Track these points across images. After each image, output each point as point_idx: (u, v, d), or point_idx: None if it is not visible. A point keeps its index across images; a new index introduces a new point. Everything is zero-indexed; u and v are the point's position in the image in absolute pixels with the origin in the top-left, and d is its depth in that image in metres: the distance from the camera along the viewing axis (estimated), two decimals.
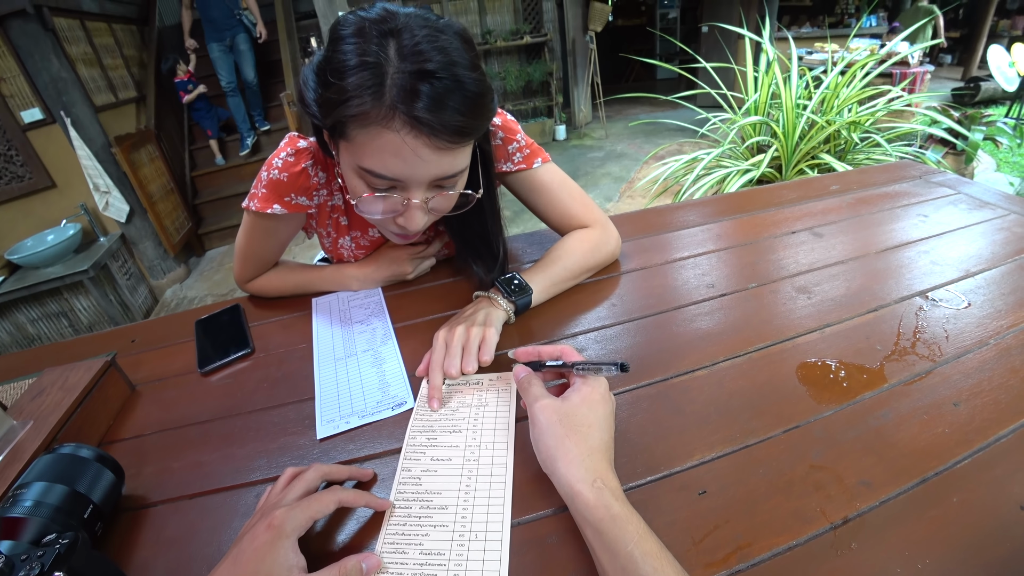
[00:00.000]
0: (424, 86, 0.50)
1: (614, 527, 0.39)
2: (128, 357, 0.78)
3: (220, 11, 4.03)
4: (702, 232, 0.94)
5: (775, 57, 2.31)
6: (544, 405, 0.48)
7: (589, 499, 0.41)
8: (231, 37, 4.13)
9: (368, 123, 0.52)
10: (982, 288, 0.71)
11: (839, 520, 0.43)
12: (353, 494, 0.46)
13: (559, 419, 0.46)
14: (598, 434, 0.46)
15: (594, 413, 0.47)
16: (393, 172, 0.56)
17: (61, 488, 0.47)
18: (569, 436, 0.45)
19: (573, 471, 0.43)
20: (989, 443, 0.49)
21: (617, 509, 0.40)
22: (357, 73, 0.51)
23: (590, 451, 0.44)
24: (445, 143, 0.54)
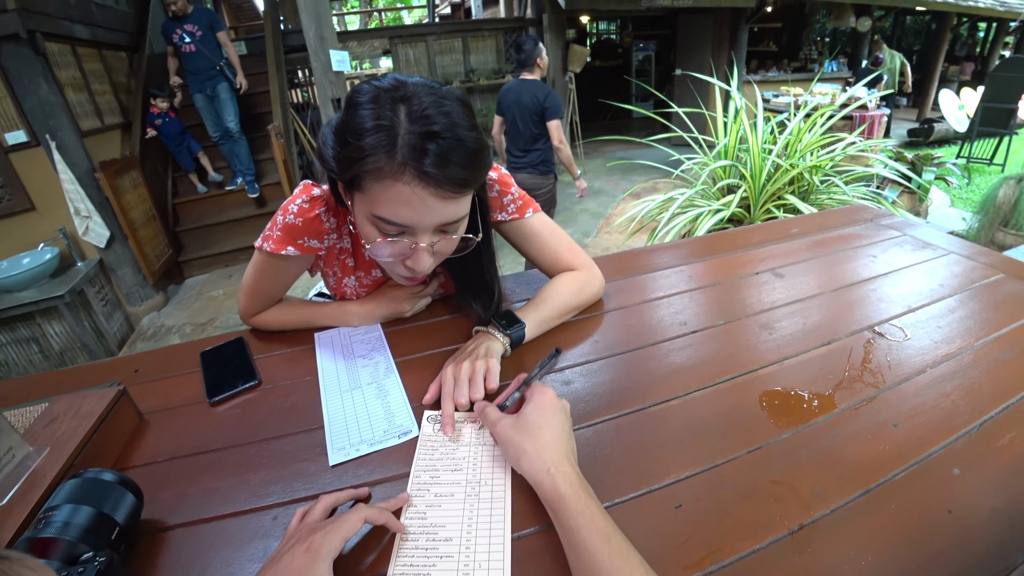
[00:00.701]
0: (431, 145, 0.58)
1: (562, 505, 0.48)
2: (133, 386, 0.80)
3: (201, 62, 4.16)
4: (675, 273, 1.03)
5: (743, 104, 2.48)
6: (502, 423, 0.58)
7: (544, 484, 0.50)
8: (212, 87, 4.25)
9: (382, 177, 0.60)
10: (921, 322, 0.81)
11: (796, 527, 0.50)
12: (376, 511, 0.50)
13: (515, 428, 0.56)
14: (549, 431, 0.55)
15: (543, 416, 0.56)
16: (404, 219, 0.63)
17: (88, 510, 0.49)
18: (524, 439, 0.54)
19: (533, 465, 0.52)
20: (923, 458, 0.57)
21: (564, 490, 0.49)
22: (373, 135, 0.59)
23: (543, 446, 0.53)
24: (449, 193, 0.61)
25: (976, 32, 11.17)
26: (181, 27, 4.05)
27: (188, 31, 4.06)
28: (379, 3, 13.36)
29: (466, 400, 0.67)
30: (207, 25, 4.13)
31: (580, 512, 0.47)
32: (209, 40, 4.15)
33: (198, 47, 4.10)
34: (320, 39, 3.27)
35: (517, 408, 0.61)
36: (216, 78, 4.23)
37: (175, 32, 4.07)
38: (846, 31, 8.60)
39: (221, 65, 4.20)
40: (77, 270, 3.42)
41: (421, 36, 6.05)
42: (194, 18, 4.09)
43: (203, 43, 4.12)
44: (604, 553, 0.44)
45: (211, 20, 4.17)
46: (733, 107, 2.51)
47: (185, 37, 4.08)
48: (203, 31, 4.10)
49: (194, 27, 4.07)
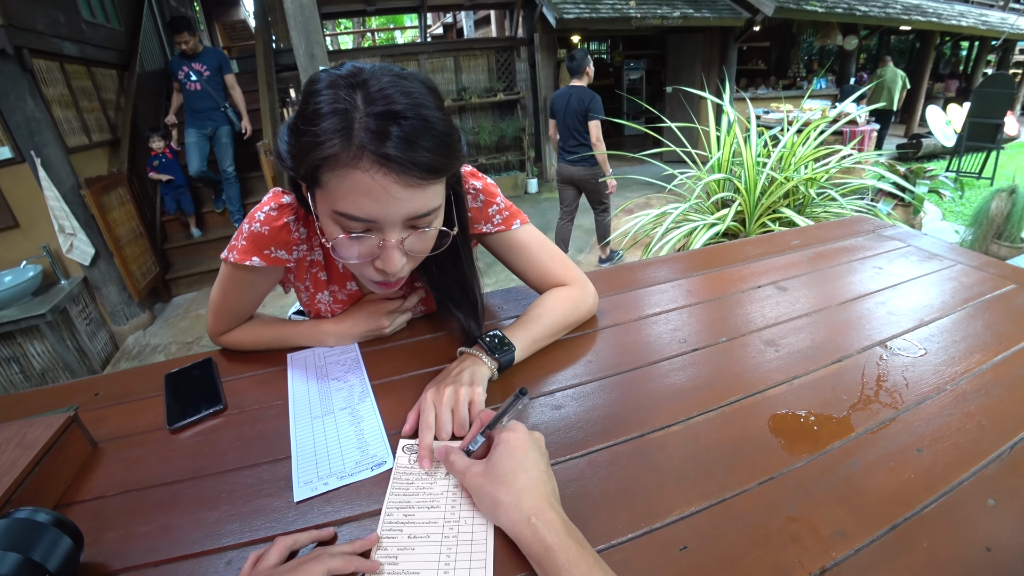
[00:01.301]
0: (392, 126, 0.53)
1: (548, 557, 0.42)
2: (91, 411, 0.75)
3: (205, 102, 4.11)
4: (673, 288, 0.98)
5: (735, 118, 2.47)
6: (471, 472, 0.52)
7: (526, 536, 0.45)
8: (213, 128, 4.20)
9: (338, 166, 0.54)
10: (936, 336, 0.76)
11: (817, 571, 0.44)
12: (342, 561, 0.44)
13: (485, 478, 0.50)
14: (524, 476, 0.49)
15: (515, 458, 0.50)
16: (366, 212, 0.57)
17: (15, 557, 0.44)
18: (498, 489, 0.48)
19: (511, 516, 0.46)
20: (952, 487, 0.51)
21: (550, 540, 0.43)
22: (327, 119, 0.53)
23: (518, 493, 0.47)
24: (415, 180, 0.55)
25: (959, 51, 11.44)
26: (189, 65, 4.01)
27: (196, 69, 4.01)
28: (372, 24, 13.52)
29: (448, 434, 0.61)
30: (216, 66, 4.08)
31: (573, 563, 0.41)
32: (216, 82, 4.10)
33: (204, 86, 4.04)
34: (310, 56, 3.26)
35: (485, 452, 0.55)
36: (218, 120, 4.19)
37: (182, 69, 4.02)
38: (833, 50, 8.76)
39: (225, 107, 4.15)
40: (60, 288, 3.34)
41: (413, 55, 6.08)
42: (204, 57, 4.05)
43: (209, 83, 4.06)
44: None
45: (221, 61, 4.12)
46: (726, 120, 2.49)
47: (192, 75, 4.03)
48: (211, 71, 4.06)
49: (202, 66, 4.02)
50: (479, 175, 0.80)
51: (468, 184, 0.78)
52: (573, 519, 0.50)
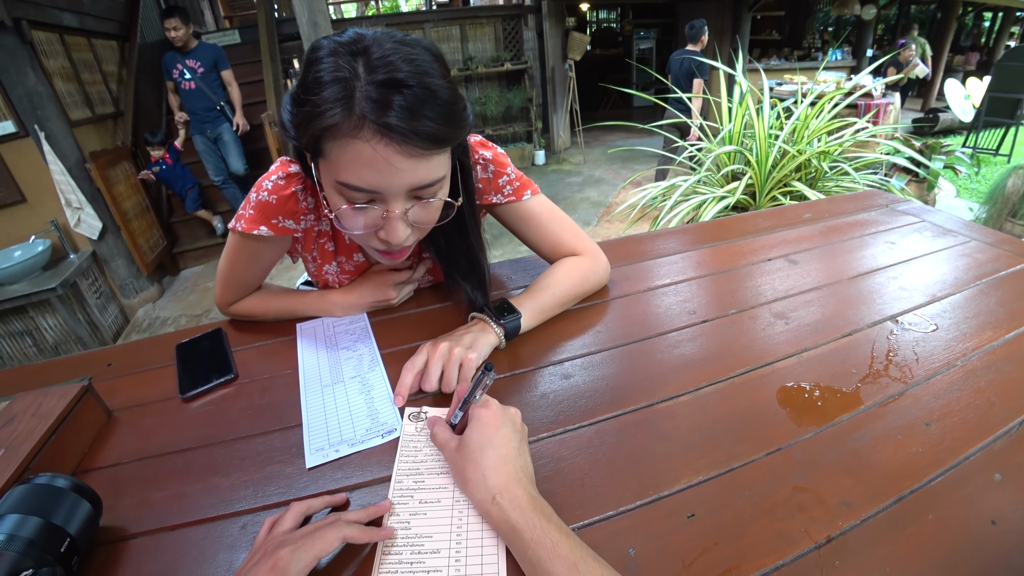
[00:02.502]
0: (394, 95, 0.52)
1: (513, 536, 0.43)
2: (104, 382, 0.76)
3: (201, 102, 3.88)
4: (683, 260, 0.97)
5: (748, 88, 2.41)
6: (448, 448, 0.52)
7: (493, 517, 0.45)
8: (213, 129, 3.97)
9: (339, 135, 0.53)
10: (948, 312, 0.75)
11: (823, 539, 0.45)
12: (357, 530, 0.45)
13: (457, 454, 0.50)
14: (492, 452, 0.48)
15: (484, 435, 0.50)
16: (368, 183, 0.56)
17: (36, 520, 0.45)
18: (467, 465, 0.48)
19: (478, 495, 0.47)
20: (959, 461, 0.51)
21: (514, 519, 0.43)
22: (329, 88, 0.52)
23: (484, 471, 0.47)
24: (417, 150, 0.54)
25: (982, 21, 11.03)
26: (183, 61, 3.74)
27: (190, 67, 3.76)
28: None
29: (433, 387, 0.63)
30: (211, 62, 3.83)
31: (537, 542, 0.41)
32: (211, 78, 3.86)
33: (198, 84, 3.80)
34: (313, 25, 3.19)
35: (464, 427, 0.55)
36: (217, 120, 3.95)
37: (175, 67, 3.77)
38: (850, 20, 8.48)
39: (222, 105, 3.91)
40: (70, 262, 3.36)
41: (418, 23, 5.94)
42: (197, 53, 3.79)
43: (204, 80, 3.82)
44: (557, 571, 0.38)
45: (216, 57, 3.86)
46: (738, 92, 2.43)
47: (186, 73, 3.77)
48: (205, 68, 3.80)
49: (196, 63, 3.77)
50: (489, 145, 0.79)
51: (477, 154, 0.77)
52: (581, 487, 0.51)
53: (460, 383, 0.63)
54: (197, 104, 3.87)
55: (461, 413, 0.55)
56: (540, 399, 0.64)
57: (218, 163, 4.08)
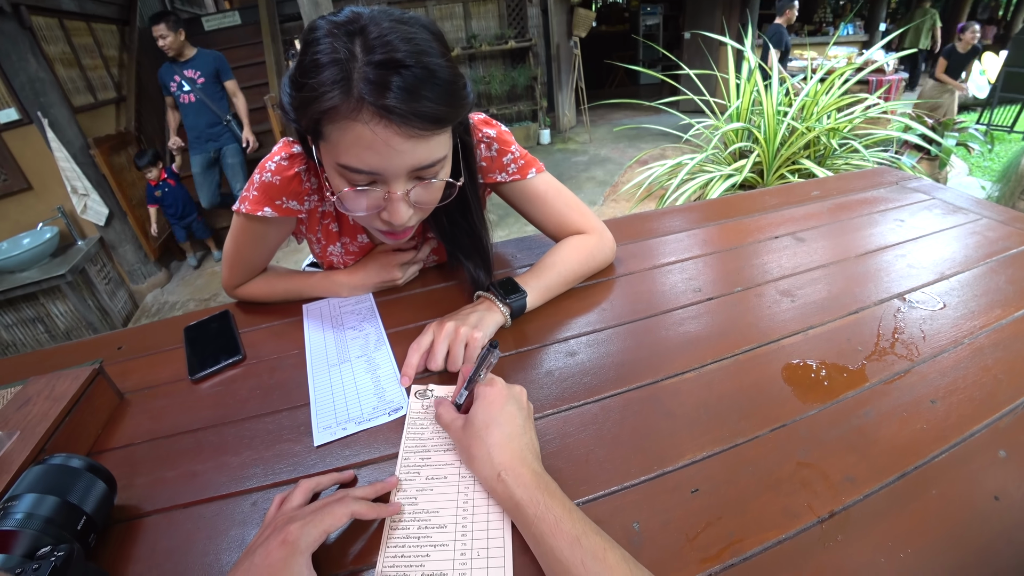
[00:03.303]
0: (393, 76, 0.51)
1: (517, 512, 0.43)
2: (115, 365, 0.77)
3: (204, 117, 3.48)
4: (688, 237, 0.96)
5: (757, 64, 2.36)
6: (454, 427, 0.52)
7: (498, 494, 0.45)
8: (217, 149, 3.58)
9: (338, 118, 0.53)
10: (956, 290, 0.74)
11: (826, 514, 0.45)
12: (365, 507, 0.46)
13: (463, 433, 0.50)
14: (497, 431, 0.48)
15: (489, 413, 0.50)
16: (369, 165, 0.56)
17: (53, 499, 0.46)
18: (472, 443, 0.49)
19: (483, 472, 0.47)
20: (964, 438, 0.51)
21: (519, 495, 0.43)
22: (326, 70, 0.52)
23: (490, 448, 0.47)
24: (416, 131, 0.54)
25: None
26: (180, 72, 3.34)
27: (188, 77, 3.36)
28: None
29: (439, 366, 0.63)
30: (212, 71, 3.44)
31: (540, 518, 0.41)
32: (214, 89, 3.47)
33: (199, 97, 3.41)
34: (314, 4, 3.15)
35: (469, 407, 0.55)
36: (222, 137, 3.56)
37: (173, 79, 3.38)
38: None
39: (228, 120, 3.52)
40: (78, 249, 3.39)
41: (420, 1, 5.84)
42: (196, 62, 3.40)
43: (206, 92, 3.43)
44: (575, 559, 0.38)
45: (217, 65, 3.47)
46: (747, 67, 2.39)
47: (184, 84, 3.38)
48: (207, 78, 3.42)
49: (195, 73, 3.38)
50: (493, 123, 0.78)
51: (481, 133, 0.76)
52: (586, 463, 0.51)
53: (465, 363, 0.64)
54: (200, 119, 3.50)
55: (466, 392, 0.55)
56: (545, 376, 0.64)
57: (213, 190, 3.69)
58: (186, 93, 3.40)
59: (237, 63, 4.95)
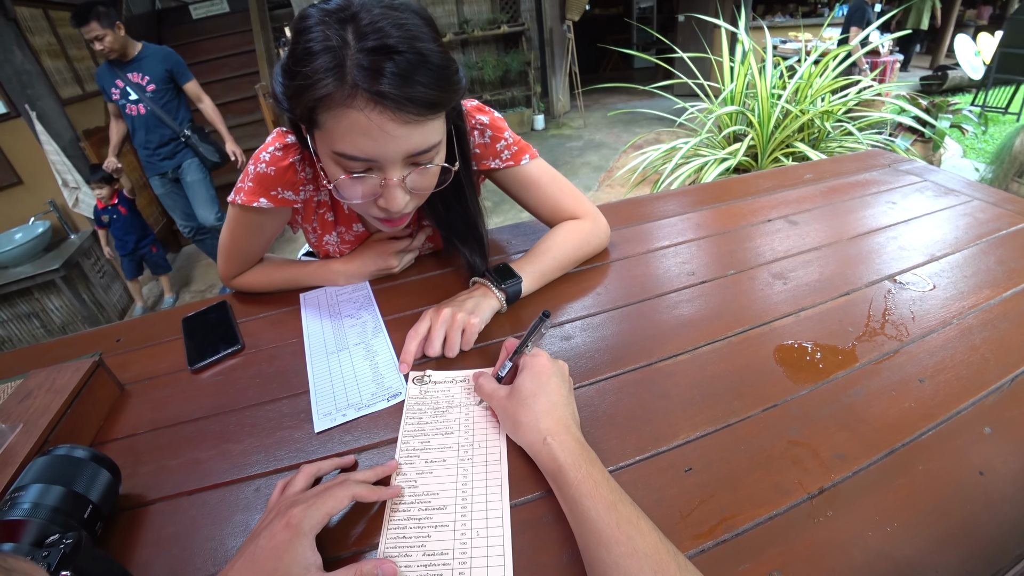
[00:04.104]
0: (386, 62, 0.51)
1: (560, 475, 0.45)
2: (114, 357, 0.78)
3: (156, 133, 2.78)
4: (682, 221, 0.97)
5: (751, 47, 2.35)
6: (497, 396, 0.54)
7: (542, 455, 0.47)
8: (173, 168, 2.92)
9: (333, 105, 0.53)
10: (946, 271, 0.75)
11: (816, 491, 0.46)
12: (366, 489, 0.47)
13: (509, 400, 0.52)
14: (544, 398, 0.51)
15: (537, 382, 0.52)
16: (364, 152, 0.56)
17: (59, 489, 0.47)
18: (519, 409, 0.51)
19: (529, 436, 0.49)
20: (951, 416, 0.52)
21: (562, 459, 0.45)
22: (319, 58, 0.52)
23: (536, 415, 0.49)
24: (411, 116, 0.54)
25: None
26: (123, 76, 2.60)
27: (134, 83, 2.61)
28: None
29: (437, 352, 0.64)
30: (163, 74, 2.69)
31: (581, 482, 0.43)
32: (167, 97, 2.75)
33: (150, 108, 2.68)
34: None
35: (512, 378, 0.56)
36: (180, 154, 2.86)
37: (114, 85, 2.64)
38: None
39: (187, 135, 2.80)
40: (71, 243, 3.36)
41: None
42: (143, 63, 2.65)
43: (158, 101, 2.70)
44: (611, 522, 0.40)
45: (170, 65, 2.73)
46: (740, 50, 2.38)
47: (129, 92, 2.63)
48: (157, 83, 2.68)
49: (143, 77, 2.64)
50: (486, 109, 0.78)
51: (474, 119, 0.76)
52: None
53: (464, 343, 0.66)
54: (151, 136, 2.79)
55: (510, 364, 0.56)
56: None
57: (188, 208, 3.11)
58: (133, 103, 2.68)
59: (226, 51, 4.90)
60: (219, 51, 4.99)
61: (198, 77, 2.90)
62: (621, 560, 0.38)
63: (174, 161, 2.90)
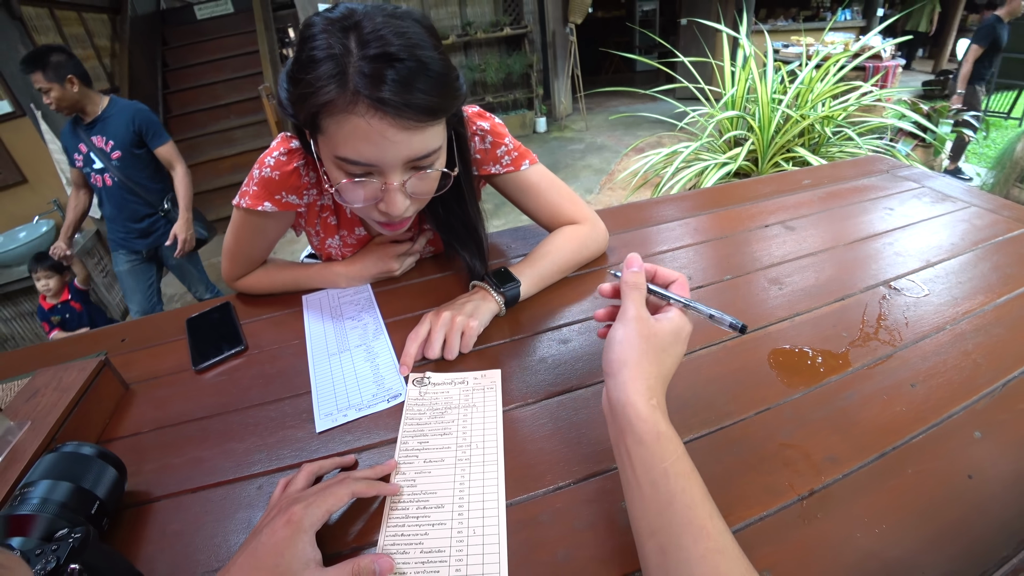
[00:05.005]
0: (387, 70, 0.52)
1: (657, 443, 0.41)
2: (119, 356, 0.79)
3: (128, 208, 2.26)
4: (680, 227, 0.98)
5: (752, 52, 2.36)
6: (641, 318, 0.47)
7: (642, 411, 0.42)
8: (149, 248, 2.39)
9: (335, 111, 0.55)
10: (941, 277, 0.76)
11: (806, 492, 0.47)
12: (365, 485, 0.48)
13: (646, 335, 0.46)
14: (670, 363, 0.46)
15: (676, 345, 0.47)
16: (365, 157, 0.58)
17: (67, 485, 0.48)
18: (647, 355, 0.45)
19: (636, 384, 0.43)
20: (942, 420, 0.53)
21: (664, 428, 0.42)
22: (322, 65, 0.53)
23: (658, 375, 0.45)
24: (411, 123, 0.55)
25: None
26: (86, 139, 2.11)
27: (97, 149, 2.12)
28: None
29: (436, 355, 0.65)
30: (129, 137, 2.14)
31: (679, 459, 0.40)
32: (138, 165, 2.21)
33: (118, 179, 2.17)
34: None
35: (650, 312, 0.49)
36: (157, 233, 2.35)
37: (76, 150, 2.15)
38: None
39: (166, 209, 2.32)
40: (75, 242, 3.37)
41: None
42: (107, 124, 2.12)
43: (127, 171, 2.17)
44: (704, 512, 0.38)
45: (139, 126, 2.16)
46: (742, 55, 2.39)
47: (93, 159, 2.13)
48: (123, 148, 2.14)
49: (107, 142, 2.12)
50: (486, 115, 0.79)
51: (475, 125, 0.77)
52: (578, 445, 0.54)
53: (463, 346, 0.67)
54: (122, 211, 2.28)
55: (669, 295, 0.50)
56: (539, 363, 0.66)
57: (149, 296, 2.50)
58: (98, 173, 2.17)
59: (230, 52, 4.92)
60: (223, 51, 5.02)
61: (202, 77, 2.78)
62: (709, 555, 0.36)
63: (150, 240, 2.36)
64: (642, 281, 0.50)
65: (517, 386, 0.63)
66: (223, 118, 4.74)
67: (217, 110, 4.74)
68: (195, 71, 4.90)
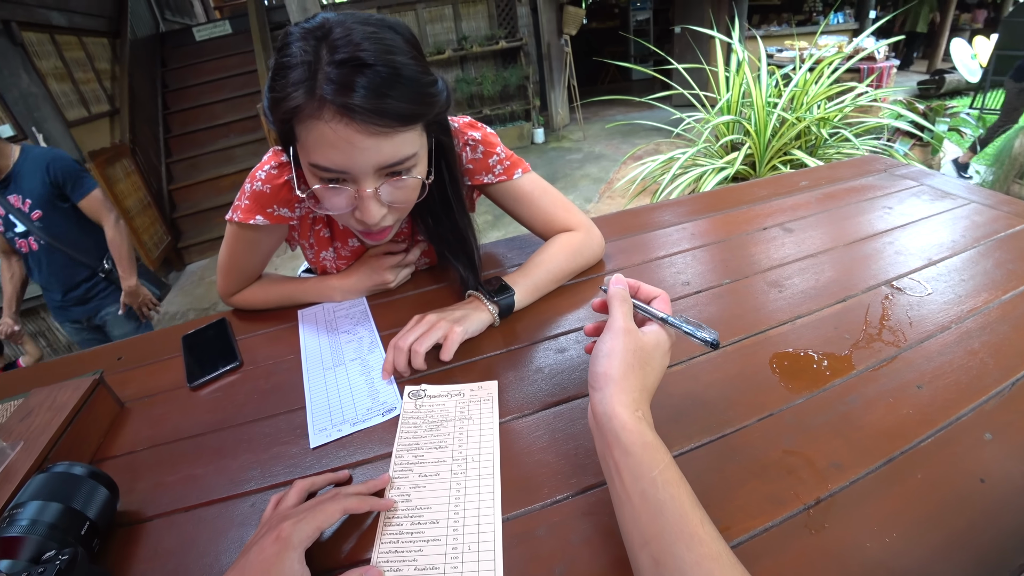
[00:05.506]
0: (356, 76, 0.52)
1: (644, 453, 0.41)
2: (115, 375, 0.78)
3: (60, 274, 1.90)
4: (677, 231, 0.97)
5: (745, 57, 2.37)
6: (629, 330, 0.48)
7: (627, 422, 0.42)
8: (91, 314, 2.03)
9: (304, 117, 0.55)
10: (944, 275, 0.75)
11: (811, 501, 0.46)
12: (357, 501, 0.47)
13: (633, 348, 0.46)
14: (653, 377, 0.47)
15: (659, 360, 0.48)
16: (335, 163, 0.57)
17: (56, 506, 0.47)
18: (633, 368, 0.46)
19: (622, 396, 0.44)
20: (950, 422, 0.52)
21: (650, 438, 0.42)
22: (294, 72, 0.54)
23: (642, 387, 0.46)
24: (379, 128, 0.54)
25: None
26: (3, 200, 1.73)
27: (15, 210, 1.74)
28: None
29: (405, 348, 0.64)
30: (45, 190, 1.75)
31: (667, 467, 0.40)
32: (66, 224, 1.83)
33: (45, 241, 1.80)
34: (303, 11, 3.16)
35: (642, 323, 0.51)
36: (97, 298, 2.00)
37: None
38: None
39: (106, 270, 1.96)
40: None
41: (410, 5, 5.85)
42: (20, 179, 1.74)
43: (50, 230, 1.80)
44: (695, 519, 0.38)
45: (55, 175, 1.76)
46: (735, 60, 2.40)
47: (13, 222, 1.76)
48: (42, 206, 1.76)
49: (23, 201, 1.75)
50: (478, 126, 0.79)
51: (466, 135, 0.77)
52: (575, 456, 0.53)
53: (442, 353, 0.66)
54: (53, 277, 1.91)
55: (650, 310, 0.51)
56: (535, 373, 0.65)
57: None
58: (21, 237, 1.80)
59: (229, 72, 4.98)
60: (222, 71, 5.08)
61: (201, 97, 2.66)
62: (704, 561, 0.35)
63: (89, 307, 2.01)
64: (625, 301, 0.51)
65: (514, 397, 0.62)
66: (223, 137, 4.79)
67: (217, 129, 4.79)
68: (195, 91, 4.96)
